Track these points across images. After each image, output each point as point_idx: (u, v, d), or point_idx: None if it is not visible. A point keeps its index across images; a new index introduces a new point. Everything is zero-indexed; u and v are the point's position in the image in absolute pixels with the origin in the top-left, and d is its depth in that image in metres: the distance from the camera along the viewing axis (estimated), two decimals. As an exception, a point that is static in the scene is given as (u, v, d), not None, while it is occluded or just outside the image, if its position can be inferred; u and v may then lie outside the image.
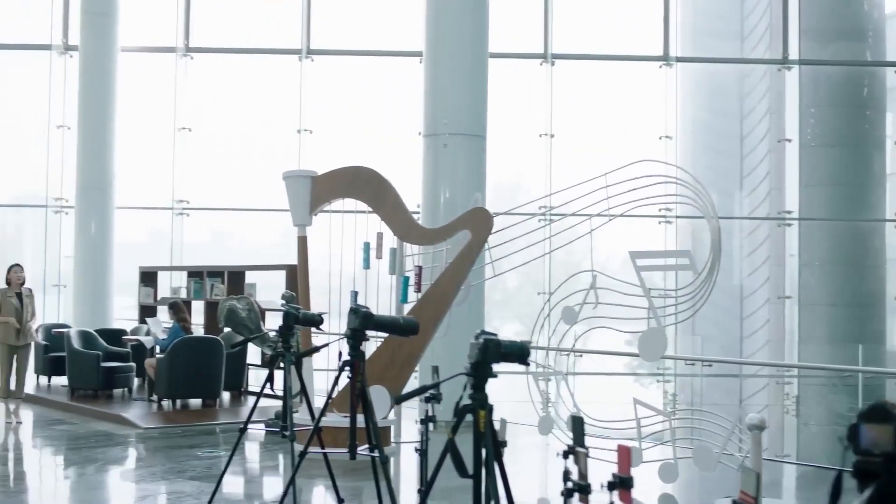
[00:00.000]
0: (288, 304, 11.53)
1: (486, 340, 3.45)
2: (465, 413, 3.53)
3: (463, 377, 3.76)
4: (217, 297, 14.80)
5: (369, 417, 5.33)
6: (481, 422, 3.44)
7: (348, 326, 5.15)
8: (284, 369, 6.23)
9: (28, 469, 9.62)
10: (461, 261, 9.94)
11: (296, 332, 6.33)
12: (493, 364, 3.51)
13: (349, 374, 5.22)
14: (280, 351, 6.15)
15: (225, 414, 12.61)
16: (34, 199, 20.12)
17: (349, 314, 5.13)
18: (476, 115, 12.32)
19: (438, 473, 3.89)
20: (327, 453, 6.23)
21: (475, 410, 3.46)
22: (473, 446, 3.49)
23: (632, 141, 19.70)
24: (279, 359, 6.23)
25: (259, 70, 20.10)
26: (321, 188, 10.24)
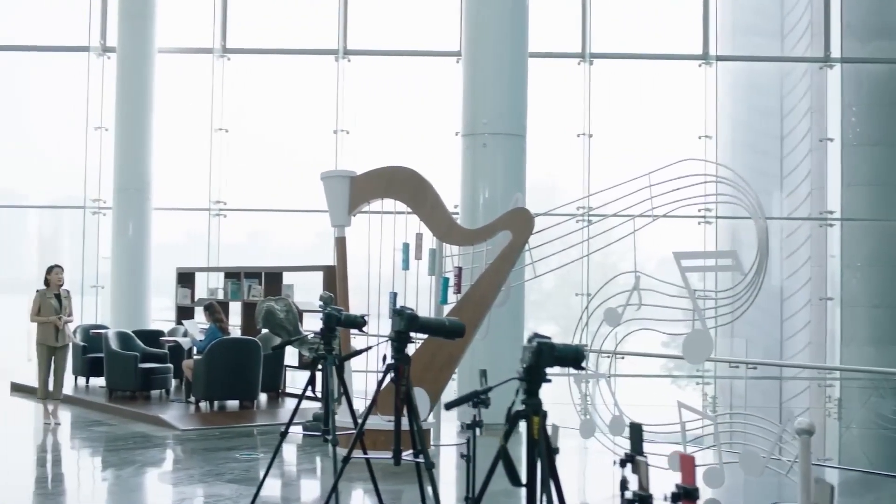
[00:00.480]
0: (328, 306, 11.49)
1: (540, 344, 3.32)
2: (518, 419, 3.40)
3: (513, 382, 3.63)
4: (254, 299, 14.75)
5: (414, 422, 5.21)
6: (535, 428, 3.30)
7: (392, 329, 5.03)
8: (326, 372, 6.11)
9: (66, 471, 9.58)
10: (502, 262, 9.81)
11: (337, 334, 6.20)
12: (546, 368, 3.38)
13: (393, 378, 5.10)
14: (322, 353, 6.04)
15: (263, 416, 12.55)
16: (72, 201, 20.17)
17: (394, 316, 5.01)
18: (516, 115, 12.19)
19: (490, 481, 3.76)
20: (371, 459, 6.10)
21: (528, 417, 3.33)
22: (526, 454, 3.36)
23: (670, 141, 19.48)
24: (320, 361, 6.12)
25: (296, 71, 20.04)
26: (360, 188, 10.15)
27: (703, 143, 19.18)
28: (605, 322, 9.02)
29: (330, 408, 6.27)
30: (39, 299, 11.72)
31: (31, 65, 20.81)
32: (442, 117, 19.02)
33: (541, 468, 3.32)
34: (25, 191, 21.36)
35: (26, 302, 17.67)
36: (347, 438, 6.57)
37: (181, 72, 19.84)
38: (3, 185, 20.59)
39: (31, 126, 20.76)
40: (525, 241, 9.79)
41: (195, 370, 12.66)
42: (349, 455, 5.50)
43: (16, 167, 20.87)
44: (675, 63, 19.64)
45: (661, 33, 19.76)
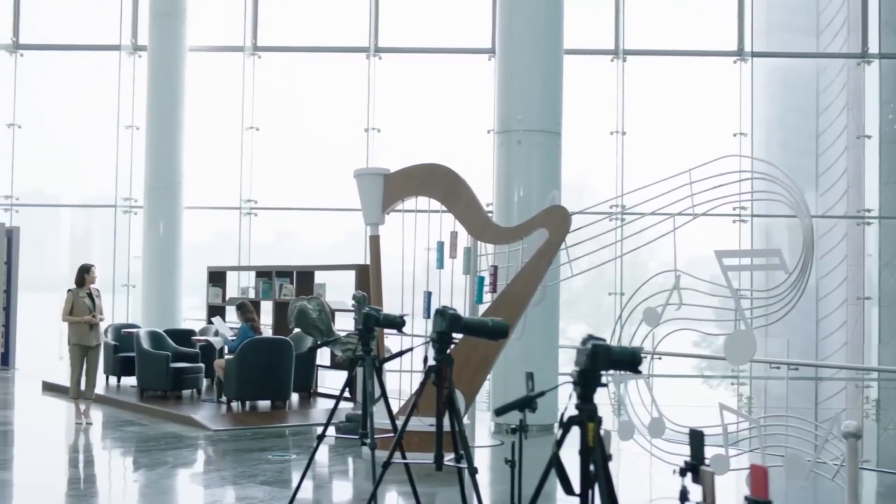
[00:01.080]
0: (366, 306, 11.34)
1: (595, 346, 3.15)
2: (572, 425, 3.23)
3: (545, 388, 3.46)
4: (286, 298, 14.65)
5: (457, 425, 5.04)
6: (590, 435, 3.14)
7: (434, 329, 4.87)
8: (364, 373, 5.96)
9: (98, 472, 9.49)
10: (538, 260, 9.64)
11: (375, 334, 6.03)
12: (602, 372, 3.21)
13: (435, 381, 4.94)
14: (360, 354, 5.89)
15: (294, 416, 12.44)
16: (103, 200, 20.16)
17: (435, 316, 4.85)
18: (551, 112, 12.00)
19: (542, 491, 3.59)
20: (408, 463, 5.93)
21: (583, 423, 3.16)
22: (580, 462, 3.19)
23: (705, 138, 19.26)
24: (358, 362, 5.97)
25: (327, 68, 19.96)
26: (394, 186, 10.00)
27: (737, 141, 18.95)
28: (644, 322, 8.85)
29: (368, 410, 6.09)
30: (72, 298, 11.65)
31: (62, 64, 20.82)
32: (473, 115, 18.89)
33: (597, 477, 3.16)
34: (57, 190, 21.39)
35: (58, 301, 17.71)
36: (385, 442, 6.42)
37: (212, 70, 19.81)
38: (34, 185, 20.61)
39: (63, 125, 20.78)
40: (562, 240, 9.61)
41: (227, 370, 12.56)
42: (389, 460, 5.33)
43: (47, 166, 20.90)
44: (709, 59, 19.43)
45: (696, 29, 19.55)
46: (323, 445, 10.93)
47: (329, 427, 11.12)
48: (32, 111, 20.19)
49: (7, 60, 19.99)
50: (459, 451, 5.13)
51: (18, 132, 19.94)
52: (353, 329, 13.04)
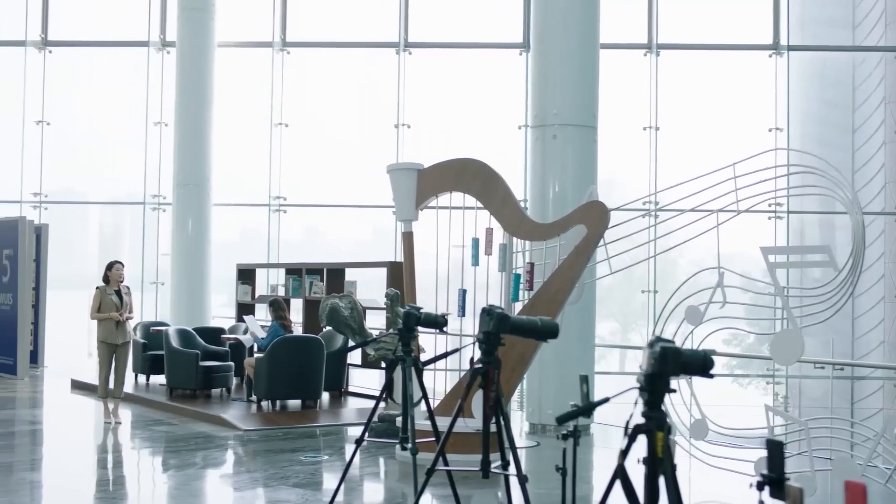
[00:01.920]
0: (404, 304, 11.12)
1: (665, 349, 2.91)
2: (638, 434, 2.99)
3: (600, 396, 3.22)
4: (316, 296, 14.46)
5: (505, 430, 4.80)
6: (659, 445, 2.90)
7: (481, 329, 4.62)
8: (404, 375, 5.72)
9: (127, 473, 9.32)
10: (576, 257, 9.39)
11: (416, 334, 5.78)
12: (672, 377, 2.97)
13: (482, 384, 4.70)
14: (400, 355, 5.65)
15: (325, 416, 12.24)
16: (132, 197, 20.05)
17: (482, 316, 4.61)
18: (586, 105, 11.75)
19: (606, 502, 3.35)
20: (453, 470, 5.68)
21: (651, 431, 2.92)
22: (647, 473, 2.95)
23: (739, 133, 18.96)
24: (397, 363, 5.73)
25: (356, 64, 19.77)
26: (427, 182, 9.79)
27: (773, 136, 18.61)
28: (686, 320, 8.60)
29: (409, 414, 5.84)
30: (100, 296, 11.49)
31: (91, 60, 20.74)
32: (504, 110, 18.66)
33: (666, 490, 2.92)
34: (85, 187, 21.30)
35: (86, 299, 17.60)
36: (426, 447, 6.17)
37: (241, 66, 19.69)
38: (63, 182, 20.54)
39: (91, 122, 20.68)
40: (600, 236, 9.37)
41: (257, 369, 12.38)
42: (433, 467, 5.08)
43: (76, 163, 20.82)
44: (744, 53, 19.13)
45: (730, 23, 19.22)
46: (351, 443, 10.74)
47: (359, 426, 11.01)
48: (61, 108, 20.10)
49: (36, 57, 19.90)
50: (506, 458, 4.90)
51: (47, 129, 19.85)
52: (385, 327, 12.86)
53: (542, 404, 11.46)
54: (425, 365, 5.13)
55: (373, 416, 6.11)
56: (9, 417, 12.30)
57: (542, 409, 11.48)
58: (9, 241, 16.43)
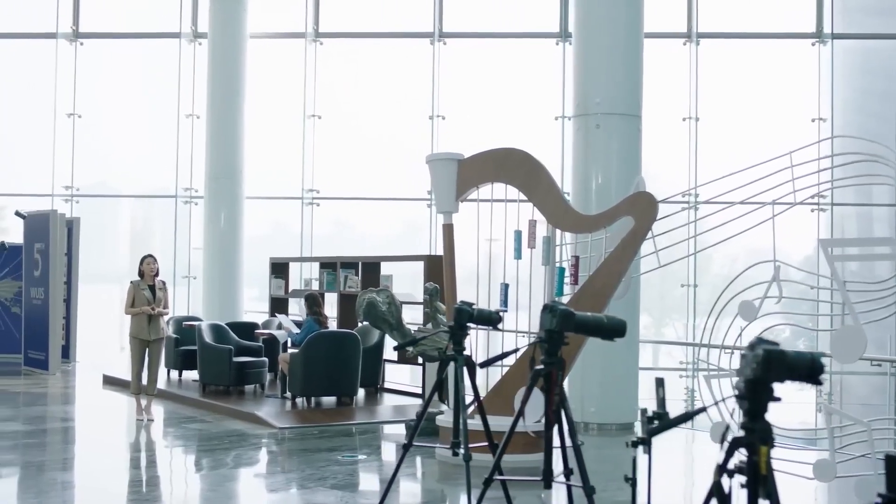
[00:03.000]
0: (434, 298, 10.81)
1: (769, 352, 2.56)
2: (737, 448, 2.65)
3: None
4: (351, 290, 14.18)
5: (572, 439, 4.45)
6: (762, 461, 2.56)
7: (542, 327, 4.29)
8: (456, 375, 5.37)
9: (160, 473, 9.06)
10: (623, 250, 9.04)
11: (469, 332, 5.42)
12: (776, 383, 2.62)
13: (544, 386, 4.36)
14: (451, 354, 5.31)
15: (362, 413, 11.93)
16: (164, 190, 19.85)
17: (543, 313, 4.26)
18: (630, 94, 11.40)
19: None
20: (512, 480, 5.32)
21: (753, 446, 2.58)
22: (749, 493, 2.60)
23: (781, 124, 18.51)
24: (448, 363, 5.39)
25: (390, 54, 19.46)
26: (468, 172, 9.45)
27: (815, 126, 18.16)
28: (739, 316, 8.23)
29: (462, 416, 5.47)
30: (133, 290, 11.24)
31: (122, 52, 20.56)
32: (541, 101, 18.32)
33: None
34: (117, 180, 21.14)
35: (119, 292, 17.42)
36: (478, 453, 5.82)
37: (273, 57, 19.43)
38: (94, 175, 20.36)
39: (123, 114, 20.50)
40: (648, 228, 9.00)
41: (292, 365, 12.10)
42: (491, 477, 4.73)
43: (108, 156, 20.67)
44: (786, 42, 18.67)
45: (772, 11, 18.76)
46: (389, 443, 10.48)
47: (398, 424, 10.70)
48: (92, 101, 19.93)
49: (67, 49, 19.74)
50: (569, 467, 4.56)
51: (78, 122, 19.68)
52: (423, 322, 12.54)
53: (585, 402, 11.12)
54: (483, 366, 4.77)
55: (421, 419, 5.75)
56: (40, 414, 12.09)
57: (585, 406, 11.14)
58: (40, 235, 16.23)
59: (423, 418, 5.75)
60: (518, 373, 9.05)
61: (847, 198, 17.46)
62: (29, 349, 16.47)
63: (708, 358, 8.42)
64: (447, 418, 9.30)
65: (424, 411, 5.78)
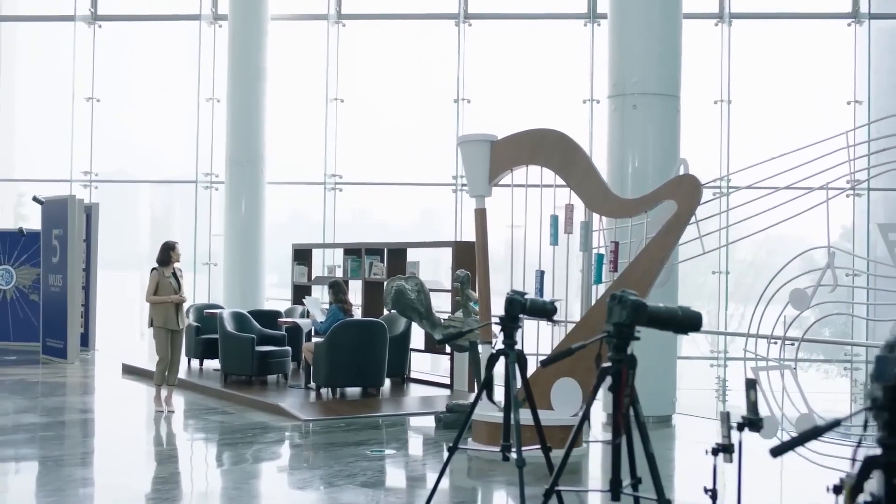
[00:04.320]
0: (465, 286, 10.40)
1: (916, 354, 2.14)
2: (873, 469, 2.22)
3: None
4: (376, 277, 13.79)
5: (644, 444, 4.00)
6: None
7: (610, 321, 3.85)
8: (507, 373, 4.93)
9: (182, 468, 8.70)
10: (665, 236, 8.60)
11: (521, 324, 4.96)
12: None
13: (612, 386, 3.93)
14: (502, 349, 4.88)
15: (388, 405, 11.55)
16: (184, 175, 19.50)
17: (611, 304, 3.81)
18: (669, 72, 10.96)
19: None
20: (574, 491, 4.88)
21: (893, 466, 2.15)
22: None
23: (816, 107, 18.04)
24: (497, 358, 4.95)
25: (414, 36, 19.05)
26: (502, 154, 9.03)
27: (851, 109, 17.65)
28: (790, 305, 7.80)
29: (515, 418, 5.02)
30: (157, 278, 10.87)
31: (141, 35, 20.22)
32: (569, 84, 17.88)
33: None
34: (136, 165, 20.81)
35: (138, 280, 17.09)
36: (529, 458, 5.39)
37: (295, 39, 19.05)
38: (113, 160, 20.03)
39: (142, 98, 20.16)
40: (691, 212, 8.57)
41: (316, 354, 11.72)
42: (552, 489, 4.26)
43: (127, 141, 20.34)
44: (821, 22, 18.16)
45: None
46: (416, 434, 10.09)
47: (425, 416, 10.31)
48: (111, 84, 19.58)
49: (85, 32, 19.39)
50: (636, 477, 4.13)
51: (97, 106, 19.34)
52: (451, 311, 12.15)
53: (621, 394, 10.69)
54: (546, 364, 4.33)
55: (468, 421, 5.30)
56: (59, 405, 11.75)
57: (622, 399, 10.71)
58: (58, 221, 15.88)
59: (470, 417, 5.29)
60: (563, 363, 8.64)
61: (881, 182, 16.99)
62: (47, 337, 16.14)
63: (756, 348, 8.00)
64: (481, 411, 8.92)
65: (472, 411, 5.33)
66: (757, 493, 7.81)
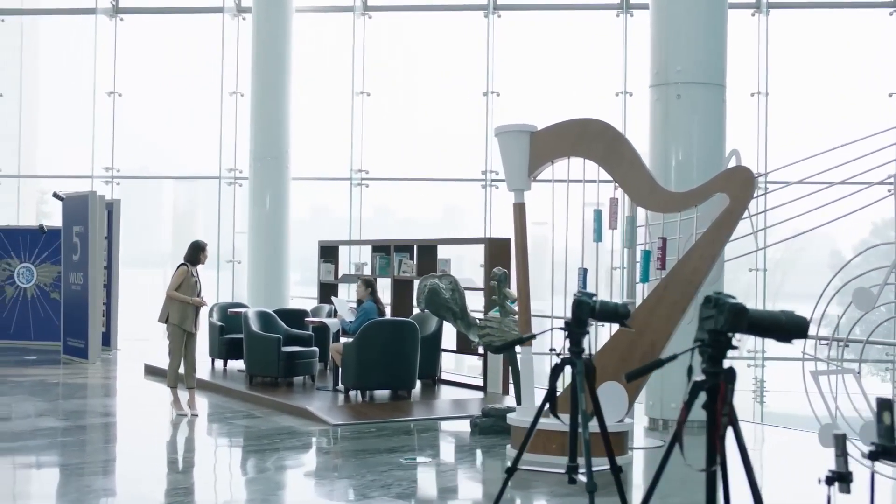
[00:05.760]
0: (502, 284, 9.93)
1: None
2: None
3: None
4: (406, 275, 13.34)
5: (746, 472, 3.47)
6: None
7: (703, 327, 3.34)
8: (574, 384, 4.41)
9: (205, 477, 8.26)
10: (717, 231, 8.11)
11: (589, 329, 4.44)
12: None
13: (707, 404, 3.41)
14: (567, 358, 4.37)
15: (419, 408, 11.07)
16: (207, 171, 19.11)
17: (705, 307, 3.30)
18: (714, 60, 10.46)
19: None
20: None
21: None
22: None
23: (855, 99, 17.50)
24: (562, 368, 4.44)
25: (442, 28, 18.59)
26: (542, 146, 8.57)
27: (893, 102, 17.10)
28: (853, 304, 7.30)
29: (584, 436, 4.50)
30: (185, 275, 10.47)
31: (163, 28, 19.86)
32: (601, 76, 17.40)
33: None
34: (158, 160, 20.45)
35: (162, 277, 16.68)
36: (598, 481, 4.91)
37: (320, 32, 18.64)
38: (135, 156, 19.68)
39: (164, 92, 19.81)
40: (745, 206, 8.07)
41: (345, 355, 11.27)
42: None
43: (149, 136, 20.00)
44: (861, 12, 17.62)
45: (846, -22, 17.75)
46: (451, 440, 9.64)
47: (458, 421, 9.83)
48: (133, 79, 19.22)
49: (107, 25, 19.04)
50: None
51: (119, 101, 18.98)
52: (484, 311, 11.67)
53: (665, 397, 10.21)
54: (631, 378, 3.82)
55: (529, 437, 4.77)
56: (79, 408, 11.34)
57: (665, 402, 10.24)
58: (79, 218, 15.48)
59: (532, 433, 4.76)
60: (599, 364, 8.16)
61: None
62: (68, 337, 15.76)
63: (816, 352, 7.50)
64: (520, 417, 8.46)
65: (534, 426, 4.81)
66: None
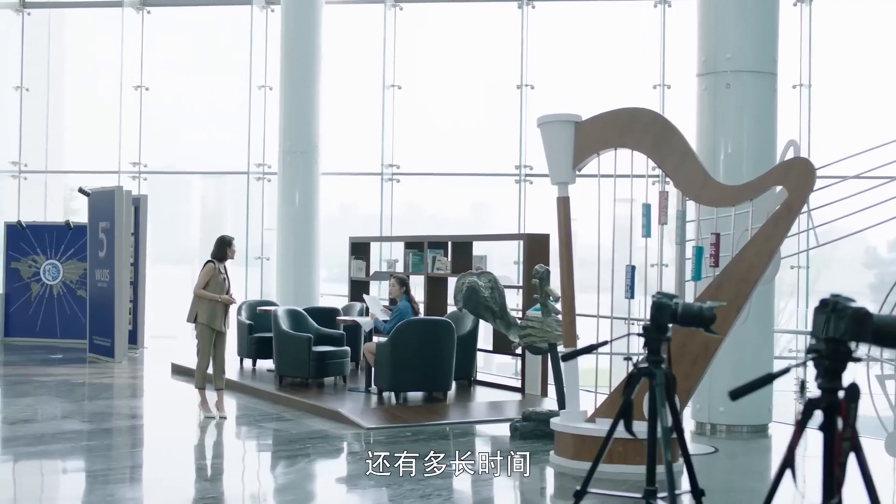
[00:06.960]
0: (544, 282, 9.50)
1: None
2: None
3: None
4: (440, 272, 12.94)
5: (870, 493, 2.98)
6: None
7: (818, 335, 2.87)
8: (654, 397, 3.92)
9: (234, 486, 7.88)
10: (774, 226, 7.64)
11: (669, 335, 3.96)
12: None
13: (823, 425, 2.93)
14: (645, 367, 3.89)
15: (455, 411, 10.66)
16: (235, 166, 18.77)
17: (820, 313, 2.81)
18: (765, 47, 10.00)
19: None
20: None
21: None
22: None
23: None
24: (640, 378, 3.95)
25: (475, 19, 18.18)
26: (587, 137, 8.14)
27: (941, 93, 16.59)
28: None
29: (666, 456, 3.99)
30: (212, 272, 10.12)
31: (190, 20, 19.56)
32: (638, 68, 16.95)
33: None
34: (186, 155, 20.13)
35: (189, 274, 16.36)
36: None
37: (350, 24, 18.23)
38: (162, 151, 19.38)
39: (192, 86, 19.50)
40: (804, 200, 7.61)
41: (378, 355, 10.89)
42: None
43: (176, 131, 19.69)
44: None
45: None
46: (485, 441, 9.24)
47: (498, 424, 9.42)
48: (160, 72, 18.92)
49: (134, 18, 18.75)
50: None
51: (146, 95, 18.69)
52: (522, 310, 11.25)
53: (712, 400, 9.76)
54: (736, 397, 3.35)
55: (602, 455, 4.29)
56: (105, 409, 11.00)
57: (713, 406, 9.79)
58: (105, 213, 15.15)
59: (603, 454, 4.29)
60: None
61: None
62: (94, 335, 15.44)
63: (882, 353, 7.07)
64: (563, 422, 8.04)
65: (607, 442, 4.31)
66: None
